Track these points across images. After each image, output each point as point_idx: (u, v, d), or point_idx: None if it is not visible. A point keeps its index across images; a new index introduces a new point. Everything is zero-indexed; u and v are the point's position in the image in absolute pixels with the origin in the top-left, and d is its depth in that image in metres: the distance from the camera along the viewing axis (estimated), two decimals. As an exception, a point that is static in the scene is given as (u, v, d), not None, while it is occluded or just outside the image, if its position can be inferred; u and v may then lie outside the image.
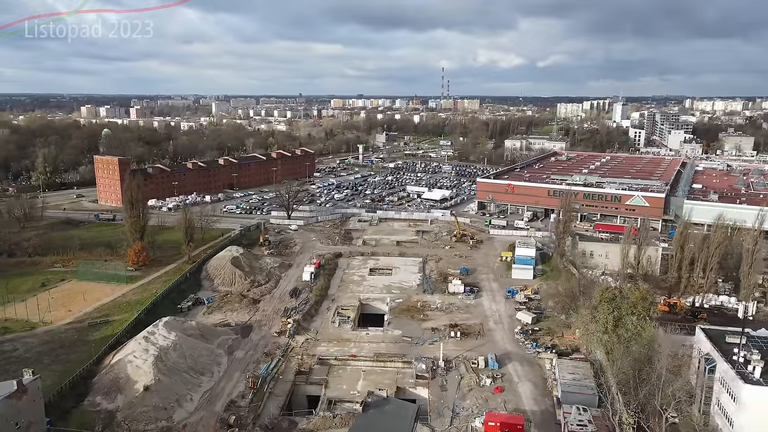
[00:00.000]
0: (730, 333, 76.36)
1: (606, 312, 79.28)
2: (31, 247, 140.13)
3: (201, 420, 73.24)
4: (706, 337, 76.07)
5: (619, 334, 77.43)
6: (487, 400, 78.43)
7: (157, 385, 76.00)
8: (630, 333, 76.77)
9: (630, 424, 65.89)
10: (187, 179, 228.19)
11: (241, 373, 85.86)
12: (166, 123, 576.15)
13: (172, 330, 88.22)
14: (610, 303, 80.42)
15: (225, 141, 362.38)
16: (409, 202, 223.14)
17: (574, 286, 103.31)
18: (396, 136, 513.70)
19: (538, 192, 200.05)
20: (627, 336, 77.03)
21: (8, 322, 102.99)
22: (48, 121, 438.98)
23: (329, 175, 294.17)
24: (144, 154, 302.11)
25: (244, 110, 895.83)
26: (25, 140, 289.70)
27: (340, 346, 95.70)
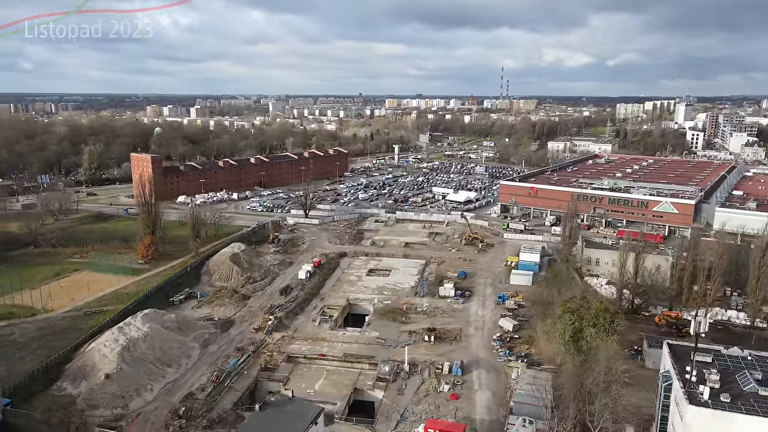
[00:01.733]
0: (700, 350, 71.69)
1: (566, 322, 76.28)
2: (54, 238, 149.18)
3: (155, 410, 76.05)
4: (669, 353, 71.80)
5: (578, 346, 74.34)
6: (440, 406, 77.26)
7: (118, 373, 79.58)
8: (588, 345, 73.52)
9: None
10: (218, 177, 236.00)
11: (209, 366, 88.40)
12: (220, 122, 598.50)
13: (149, 322, 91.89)
14: (573, 313, 77.27)
15: (268, 140, 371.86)
16: (433, 204, 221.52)
17: (553, 294, 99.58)
18: (440, 137, 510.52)
19: (562, 196, 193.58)
20: (586, 348, 73.83)
21: (14, 308, 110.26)
22: (107, 120, 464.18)
23: (361, 174, 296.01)
24: (187, 151, 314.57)
25: (299, 109, 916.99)
26: (79, 138, 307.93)
27: (313, 345, 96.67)
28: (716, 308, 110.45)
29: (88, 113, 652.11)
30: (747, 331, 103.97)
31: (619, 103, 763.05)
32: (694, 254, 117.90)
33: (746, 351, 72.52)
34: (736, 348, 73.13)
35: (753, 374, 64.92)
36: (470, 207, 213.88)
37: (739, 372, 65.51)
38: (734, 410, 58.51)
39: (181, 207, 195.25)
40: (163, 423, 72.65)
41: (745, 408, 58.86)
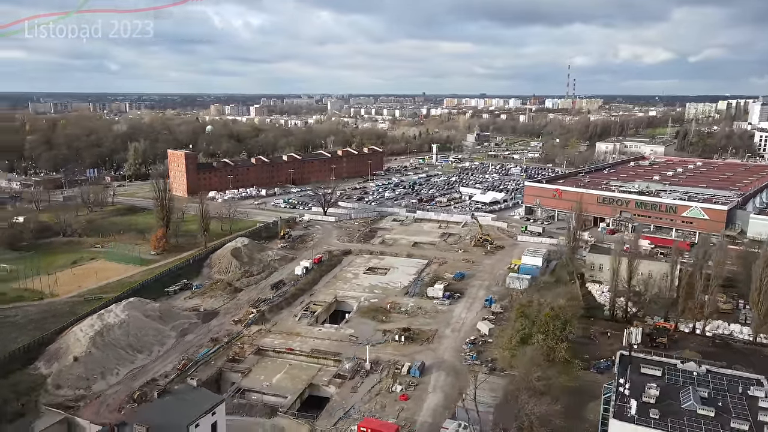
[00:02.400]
0: (649, 363, 67.84)
1: (518, 327, 73.88)
2: (80, 228, 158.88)
3: (115, 393, 79.87)
4: (619, 365, 68.25)
5: (525, 351, 71.90)
6: (386, 406, 76.77)
7: (86, 357, 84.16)
8: (535, 351, 70.89)
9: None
10: (250, 173, 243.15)
11: (180, 355, 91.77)
12: (276, 120, 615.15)
13: (129, 310, 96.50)
14: (526, 318, 74.70)
15: (311, 138, 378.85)
16: (458, 204, 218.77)
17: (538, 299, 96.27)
18: (488, 137, 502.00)
19: (587, 198, 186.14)
20: (534, 354, 71.24)
21: (26, 291, 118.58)
22: (166, 118, 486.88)
23: (396, 173, 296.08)
24: (230, 149, 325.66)
25: (356, 109, 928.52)
26: (137, 135, 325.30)
27: (286, 339, 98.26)
28: (718, 321, 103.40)
29: (158, 112, 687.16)
30: (748, 347, 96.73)
31: (696, 102, 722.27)
32: (704, 262, 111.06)
33: (704, 366, 67.97)
34: (692, 363, 68.59)
35: (699, 391, 61.01)
36: (494, 208, 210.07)
37: (685, 388, 61.53)
38: (659, 428, 55.22)
39: (209, 202, 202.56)
40: (117, 406, 76.19)
41: (672, 426, 55.34)
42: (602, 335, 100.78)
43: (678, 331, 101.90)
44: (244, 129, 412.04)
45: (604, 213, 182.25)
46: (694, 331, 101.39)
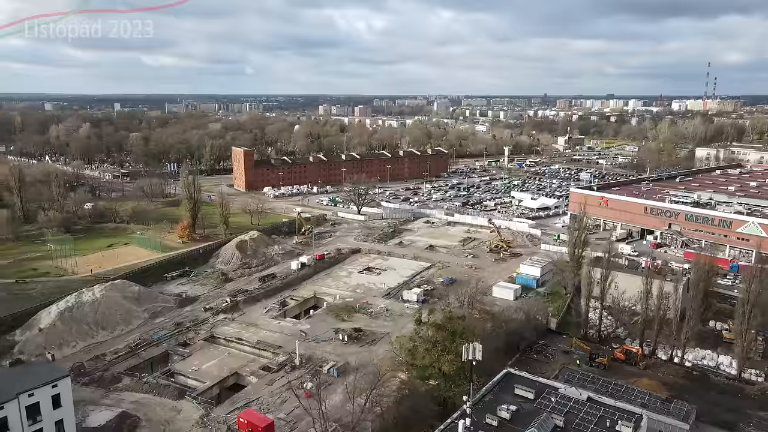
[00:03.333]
0: (525, 383, 62.29)
1: (412, 337, 71.05)
2: (127, 216, 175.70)
3: (63, 363, 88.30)
4: (496, 383, 63.36)
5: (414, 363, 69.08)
6: (286, 401, 77.45)
7: (49, 329, 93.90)
8: (422, 363, 67.80)
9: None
10: (307, 171, 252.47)
11: (139, 334, 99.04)
12: (374, 121, 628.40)
13: (108, 290, 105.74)
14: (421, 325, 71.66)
15: (387, 138, 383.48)
16: (505, 208, 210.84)
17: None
18: (581, 140, 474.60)
19: (633, 208, 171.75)
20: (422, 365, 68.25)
21: (56, 269, 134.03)
22: (260, 118, 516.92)
23: (461, 175, 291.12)
24: (304, 147, 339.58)
25: (462, 109, 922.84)
26: (218, 134, 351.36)
27: (241, 329, 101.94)
28: (706, 351, 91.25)
29: (262, 112, 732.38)
30: (730, 383, 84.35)
31: None
32: (708, 283, 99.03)
33: (586, 394, 61.22)
34: (574, 388, 61.92)
35: (554, 419, 55.39)
36: (540, 215, 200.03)
37: (541, 414, 56.18)
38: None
39: (259, 197, 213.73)
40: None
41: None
42: (564, 354, 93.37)
43: (653, 357, 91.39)
44: (329, 128, 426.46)
45: (651, 225, 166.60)
46: (671, 359, 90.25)
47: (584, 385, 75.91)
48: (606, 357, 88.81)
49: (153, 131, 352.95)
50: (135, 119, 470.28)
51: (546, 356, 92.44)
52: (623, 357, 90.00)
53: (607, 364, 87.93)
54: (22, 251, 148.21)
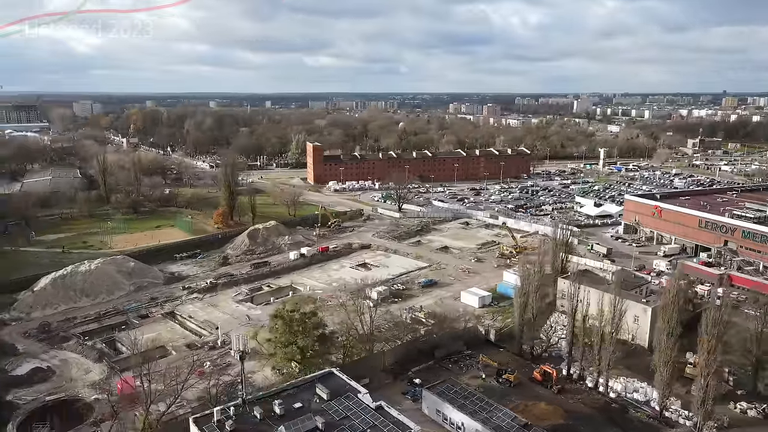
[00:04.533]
0: (324, 384, 60.96)
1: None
2: (184, 201, 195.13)
3: (40, 319, 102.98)
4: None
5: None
6: (179, 375, 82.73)
7: (40, 291, 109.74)
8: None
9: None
10: (376, 167, 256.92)
11: (114, 304, 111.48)
12: (497, 120, 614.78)
13: (104, 263, 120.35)
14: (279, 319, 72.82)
15: (482, 137, 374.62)
16: (563, 214, 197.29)
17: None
18: (719, 144, 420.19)
19: (688, 220, 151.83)
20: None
21: (101, 243, 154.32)
22: (369, 116, 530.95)
23: (541, 177, 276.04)
24: (395, 143, 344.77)
25: (602, 108, 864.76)
26: (317, 128, 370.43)
27: (201, 309, 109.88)
28: (642, 384, 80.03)
29: (384, 110, 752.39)
30: (649, 422, 73.47)
31: None
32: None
33: (377, 404, 58.55)
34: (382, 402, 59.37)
35: (316, 420, 54.70)
36: (597, 222, 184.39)
37: (305, 413, 55.57)
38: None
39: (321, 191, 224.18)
40: (30, 330, 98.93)
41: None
42: (486, 367, 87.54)
43: (580, 383, 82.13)
44: (428, 126, 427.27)
45: (705, 241, 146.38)
46: (596, 386, 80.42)
47: (452, 399, 71.95)
48: (514, 374, 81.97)
49: (257, 127, 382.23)
50: (259, 116, 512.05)
51: (460, 367, 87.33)
52: (540, 378, 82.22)
53: (515, 381, 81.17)
54: (89, 226, 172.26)
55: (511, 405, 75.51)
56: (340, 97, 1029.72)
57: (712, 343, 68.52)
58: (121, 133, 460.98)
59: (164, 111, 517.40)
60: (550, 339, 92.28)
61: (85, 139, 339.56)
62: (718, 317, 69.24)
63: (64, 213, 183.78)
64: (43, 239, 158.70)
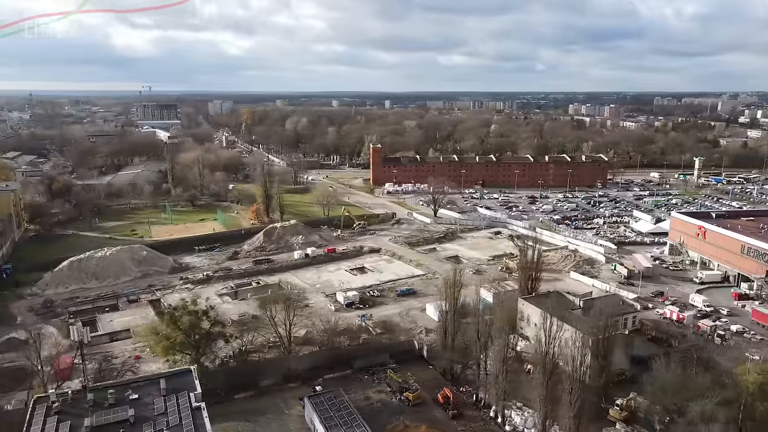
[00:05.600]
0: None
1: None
2: (234, 197, 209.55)
3: (52, 296, 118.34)
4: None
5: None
6: (118, 357, 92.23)
7: (58, 272, 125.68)
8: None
9: None
10: (436, 170, 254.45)
11: (115, 288, 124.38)
12: (616, 123, 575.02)
13: (121, 251, 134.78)
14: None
15: (567, 141, 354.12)
16: (612, 229, 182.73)
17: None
18: None
19: (729, 245, 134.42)
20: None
21: (144, 232, 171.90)
22: (457, 117, 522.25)
23: (622, 187, 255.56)
24: (475, 146, 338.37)
25: (763, 110, 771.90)
26: (400, 129, 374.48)
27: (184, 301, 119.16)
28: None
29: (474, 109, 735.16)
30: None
31: None
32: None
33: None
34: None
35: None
36: (645, 240, 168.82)
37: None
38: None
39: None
40: (35, 305, 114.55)
41: None
42: (392, 382, 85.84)
43: (484, 410, 77.96)
44: (517, 128, 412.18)
45: (746, 269, 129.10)
46: (497, 416, 75.83)
47: (324, 411, 72.53)
48: (415, 393, 79.79)
49: (345, 126, 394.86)
50: (358, 115, 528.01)
51: (374, 380, 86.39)
52: (442, 400, 79.24)
53: (414, 400, 79.10)
54: (147, 216, 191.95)
55: (392, 424, 74.51)
56: (466, 97, 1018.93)
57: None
58: (232, 130, 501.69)
59: (264, 110, 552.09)
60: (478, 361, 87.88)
61: (186, 137, 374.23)
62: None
63: (132, 203, 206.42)
64: (103, 226, 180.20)
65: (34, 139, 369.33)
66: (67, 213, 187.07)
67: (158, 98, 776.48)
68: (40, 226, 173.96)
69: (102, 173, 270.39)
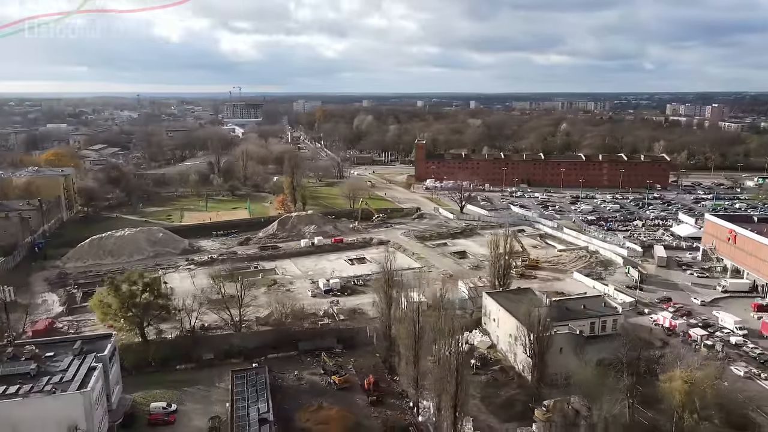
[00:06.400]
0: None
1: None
2: (269, 188, 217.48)
3: (71, 269, 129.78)
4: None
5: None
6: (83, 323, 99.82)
7: (79, 248, 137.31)
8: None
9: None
10: (480, 168, 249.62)
11: (126, 264, 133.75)
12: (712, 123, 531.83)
13: (139, 231, 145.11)
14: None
15: (639, 141, 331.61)
16: (649, 231, 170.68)
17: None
18: None
19: (759, 251, 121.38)
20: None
21: (180, 218, 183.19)
22: (543, 119, 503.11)
23: (683, 190, 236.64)
24: (532, 144, 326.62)
25: None
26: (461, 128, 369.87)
27: (179, 279, 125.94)
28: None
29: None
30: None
31: None
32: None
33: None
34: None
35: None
36: (679, 244, 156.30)
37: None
38: None
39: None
40: (51, 277, 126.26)
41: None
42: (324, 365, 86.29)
43: (404, 399, 76.61)
44: (588, 128, 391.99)
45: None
46: (414, 405, 74.10)
47: (238, 385, 74.67)
48: (342, 378, 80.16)
49: (404, 126, 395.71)
50: (428, 114, 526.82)
51: (314, 363, 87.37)
52: (367, 386, 78.74)
53: (341, 384, 79.68)
54: (188, 203, 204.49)
55: (307, 404, 75.35)
56: (560, 97, 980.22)
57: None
58: (306, 128, 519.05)
59: (344, 108, 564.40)
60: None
61: (255, 133, 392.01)
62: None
63: (179, 191, 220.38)
64: (146, 210, 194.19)
65: (121, 134, 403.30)
66: (118, 198, 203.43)
67: (247, 98, 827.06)
68: (90, 208, 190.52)
69: (167, 164, 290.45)
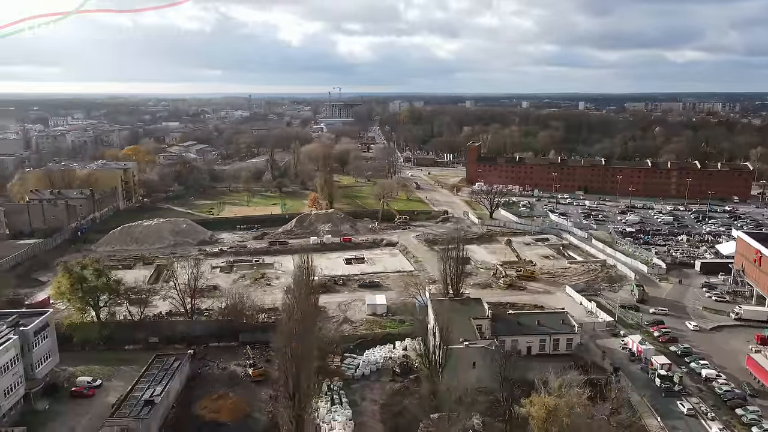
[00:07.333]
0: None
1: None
2: (312, 185, 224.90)
3: (101, 253, 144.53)
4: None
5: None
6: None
7: (111, 234, 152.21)
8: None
9: None
10: (533, 172, 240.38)
11: (148, 251, 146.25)
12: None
13: (166, 222, 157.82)
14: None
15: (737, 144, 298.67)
16: (691, 246, 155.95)
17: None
18: None
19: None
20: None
21: (215, 210, 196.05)
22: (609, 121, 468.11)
23: (762, 203, 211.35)
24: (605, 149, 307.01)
25: None
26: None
27: (183, 267, 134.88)
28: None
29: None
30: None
31: None
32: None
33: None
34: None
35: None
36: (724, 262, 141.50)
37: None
38: None
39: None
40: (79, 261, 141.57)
41: None
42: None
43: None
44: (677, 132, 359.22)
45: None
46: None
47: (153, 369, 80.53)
48: (258, 370, 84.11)
49: (475, 126, 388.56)
50: (514, 116, 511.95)
51: (252, 355, 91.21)
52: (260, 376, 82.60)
53: (255, 377, 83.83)
54: (238, 198, 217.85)
55: (213, 392, 79.62)
56: (691, 98, 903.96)
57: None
58: (391, 128, 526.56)
59: (429, 109, 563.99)
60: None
61: (333, 133, 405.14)
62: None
63: (232, 186, 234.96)
64: (195, 203, 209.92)
65: (214, 132, 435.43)
66: (177, 191, 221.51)
67: (346, 99, 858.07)
68: (148, 199, 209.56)
69: (241, 161, 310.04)
